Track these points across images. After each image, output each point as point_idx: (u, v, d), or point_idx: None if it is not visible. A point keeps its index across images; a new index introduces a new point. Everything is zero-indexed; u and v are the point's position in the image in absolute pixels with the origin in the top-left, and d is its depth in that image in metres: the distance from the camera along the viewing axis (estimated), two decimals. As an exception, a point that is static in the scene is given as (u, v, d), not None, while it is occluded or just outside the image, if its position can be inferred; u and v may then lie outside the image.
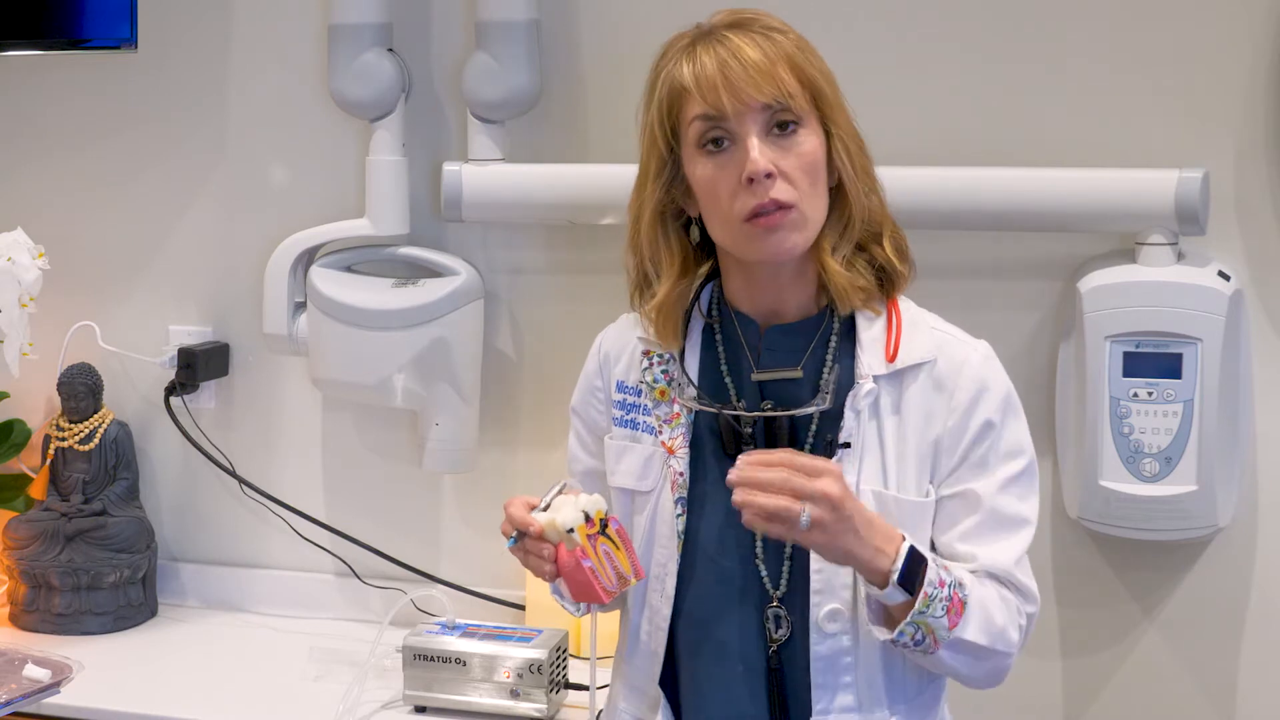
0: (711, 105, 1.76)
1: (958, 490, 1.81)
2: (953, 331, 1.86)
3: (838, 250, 1.82)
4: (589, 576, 1.73)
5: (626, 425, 1.90)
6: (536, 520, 1.75)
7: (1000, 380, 1.83)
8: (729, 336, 1.87)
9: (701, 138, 1.78)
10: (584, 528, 1.74)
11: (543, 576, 1.78)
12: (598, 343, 1.98)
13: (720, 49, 1.76)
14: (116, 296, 2.80)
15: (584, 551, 1.74)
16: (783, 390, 1.83)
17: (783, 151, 1.76)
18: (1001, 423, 1.81)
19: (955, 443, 1.80)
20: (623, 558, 1.77)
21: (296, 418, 2.74)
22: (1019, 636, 1.80)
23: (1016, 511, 1.81)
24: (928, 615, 1.70)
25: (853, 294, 1.81)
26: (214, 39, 2.70)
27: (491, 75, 2.49)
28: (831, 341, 1.83)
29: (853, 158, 1.81)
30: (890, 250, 1.84)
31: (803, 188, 1.77)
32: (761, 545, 1.82)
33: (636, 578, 1.78)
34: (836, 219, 1.83)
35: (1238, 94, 2.28)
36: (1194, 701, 2.38)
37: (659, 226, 1.86)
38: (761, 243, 1.77)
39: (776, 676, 1.81)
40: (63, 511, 2.66)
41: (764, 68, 1.75)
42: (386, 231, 2.59)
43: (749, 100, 1.75)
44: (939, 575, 1.71)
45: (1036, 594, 1.82)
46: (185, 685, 2.44)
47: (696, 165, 1.79)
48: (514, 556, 1.79)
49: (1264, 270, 2.30)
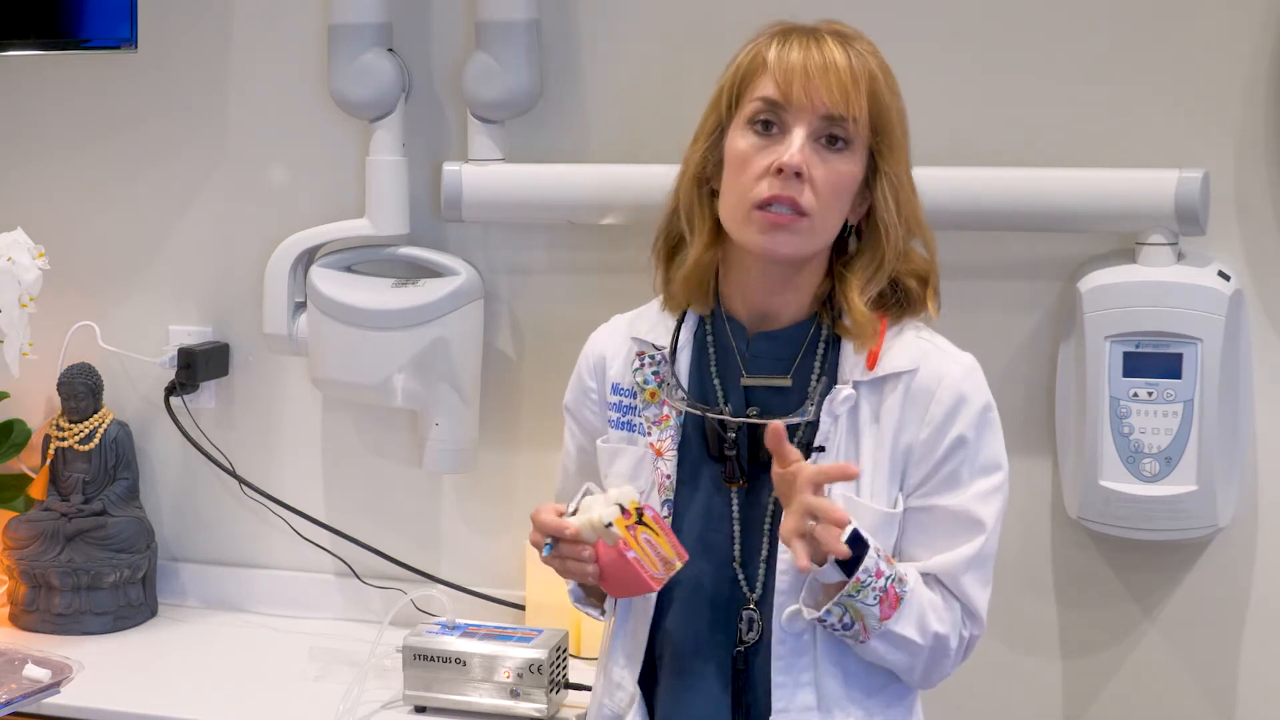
0: (780, 90, 1.77)
1: (925, 505, 1.81)
2: (938, 343, 1.86)
3: (865, 291, 1.82)
4: (635, 568, 1.72)
5: (622, 427, 1.91)
6: (570, 523, 1.74)
7: (979, 395, 1.82)
8: (720, 339, 1.87)
9: (754, 116, 1.79)
10: (621, 520, 1.73)
11: (585, 579, 1.77)
12: (589, 344, 1.98)
13: (813, 46, 1.79)
14: (116, 296, 2.80)
15: (626, 544, 1.72)
16: (769, 397, 1.83)
17: (820, 161, 1.77)
18: (976, 439, 1.80)
19: (927, 454, 1.80)
20: (664, 543, 1.75)
21: (296, 418, 2.74)
22: (957, 647, 1.80)
23: (979, 518, 1.80)
24: (857, 600, 1.71)
25: (870, 336, 1.82)
26: (214, 39, 2.70)
27: (491, 75, 2.49)
28: (819, 350, 1.84)
29: (898, 201, 1.82)
30: (930, 293, 1.86)
31: (824, 202, 1.77)
32: (739, 549, 1.83)
33: (681, 560, 1.76)
34: (869, 258, 1.83)
35: (1238, 94, 2.28)
36: (1194, 701, 2.38)
37: (696, 189, 1.87)
38: (762, 235, 1.77)
39: (742, 678, 1.82)
40: (63, 511, 2.66)
41: (845, 79, 1.77)
42: (386, 231, 2.59)
43: (817, 101, 1.76)
44: (877, 565, 1.71)
45: (983, 617, 1.82)
46: (185, 685, 2.44)
47: (738, 137, 1.81)
48: (550, 566, 1.79)
49: (1264, 270, 2.30)
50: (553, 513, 1.77)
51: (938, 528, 1.81)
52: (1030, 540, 2.41)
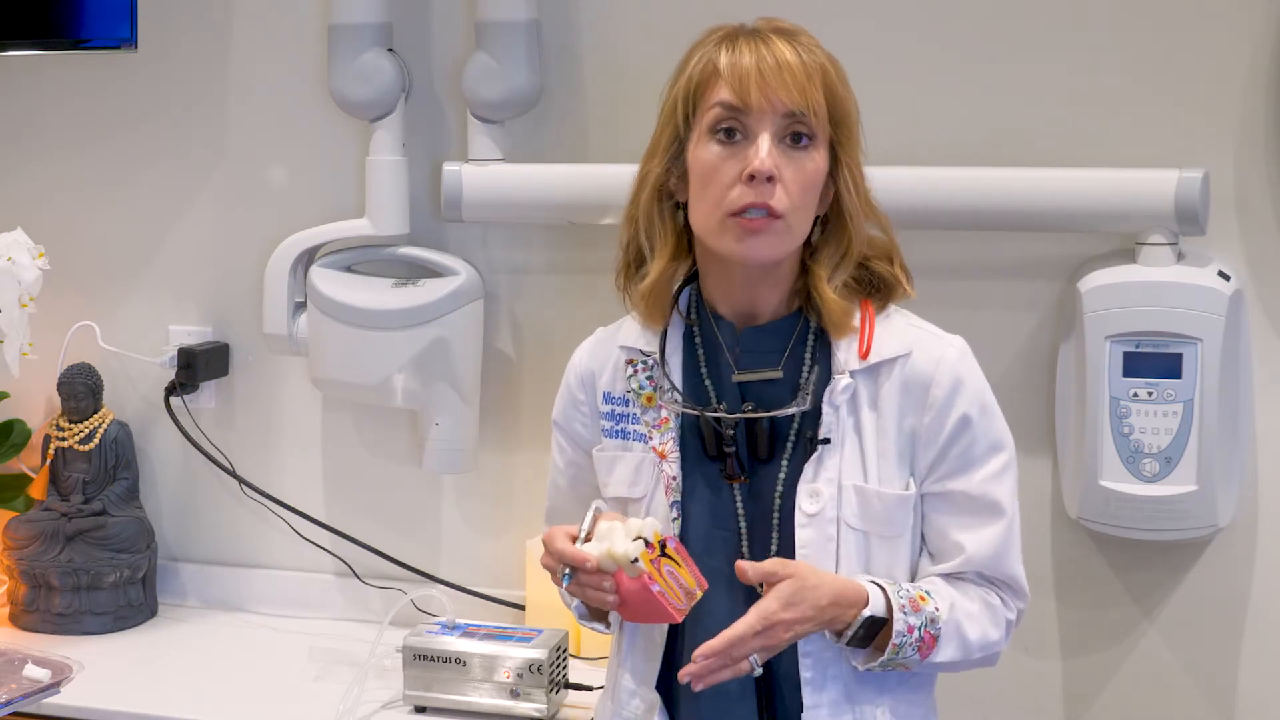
0: (738, 96, 1.77)
1: (942, 490, 1.84)
2: (926, 327, 1.87)
3: (833, 279, 1.84)
4: (660, 601, 1.71)
5: (617, 435, 1.92)
6: (590, 555, 1.72)
7: (976, 376, 1.85)
8: (708, 339, 1.88)
9: (716, 124, 1.79)
10: (646, 553, 1.71)
11: (605, 607, 1.77)
12: (575, 359, 1.98)
13: (761, 47, 1.79)
14: (116, 296, 2.80)
15: (650, 577, 1.71)
16: (763, 391, 1.84)
17: (789, 161, 1.78)
18: (979, 418, 1.83)
19: (933, 437, 1.82)
20: (685, 573, 1.75)
21: (296, 418, 2.74)
22: (1002, 634, 1.85)
23: (996, 500, 1.83)
24: (898, 659, 1.77)
25: (844, 323, 1.83)
26: (214, 39, 2.70)
27: (491, 75, 2.49)
28: (809, 341, 1.84)
29: (857, 187, 1.84)
30: (899, 270, 1.87)
31: (797, 201, 1.78)
32: (747, 546, 1.83)
33: (701, 589, 1.76)
34: (835, 246, 1.85)
35: (1238, 94, 2.28)
36: (1194, 701, 2.38)
37: (656, 203, 1.87)
38: (739, 242, 1.78)
39: (765, 676, 1.82)
40: (63, 511, 2.66)
41: (799, 76, 1.77)
42: (386, 231, 2.59)
43: (775, 101, 1.76)
44: (906, 623, 1.75)
45: (1026, 588, 1.87)
46: (185, 685, 2.44)
47: (701, 149, 1.81)
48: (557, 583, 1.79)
49: (1264, 270, 2.30)
50: (567, 539, 1.75)
51: (956, 512, 1.84)
52: (1030, 540, 2.38)
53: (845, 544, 1.81)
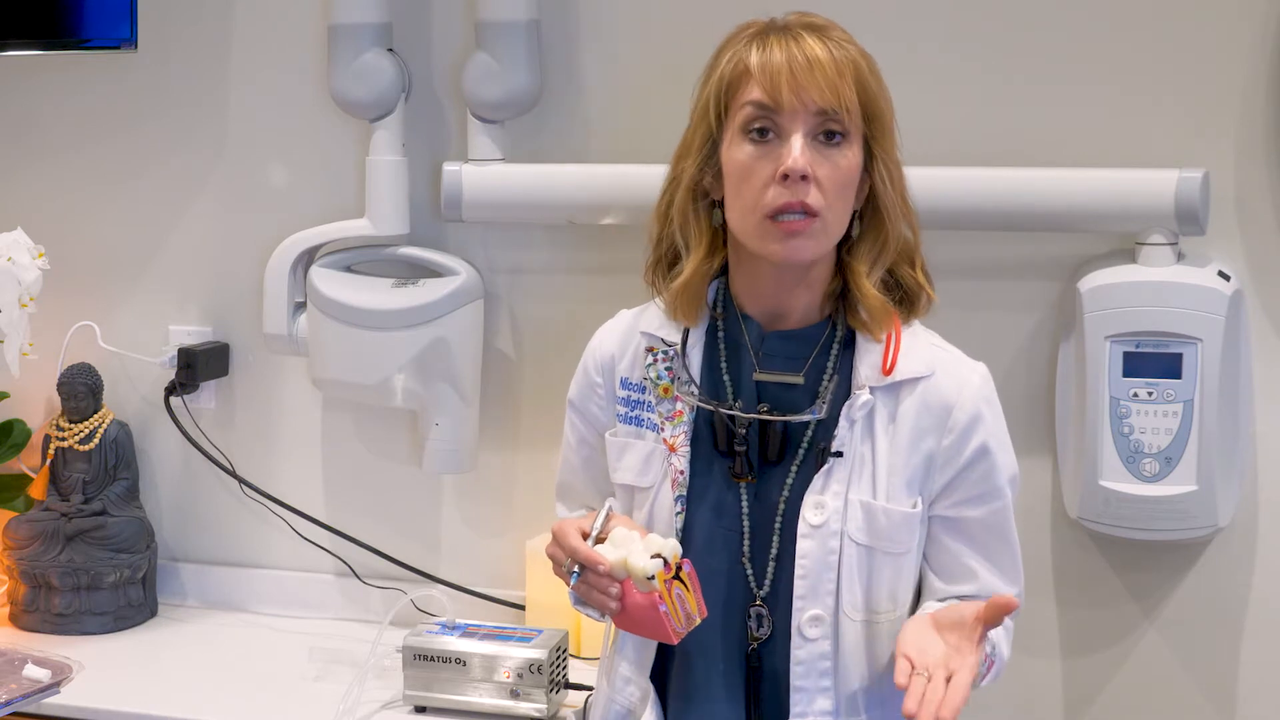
0: (769, 95, 1.77)
1: (957, 515, 1.85)
2: (952, 351, 1.88)
3: (872, 274, 1.83)
4: (663, 620, 1.71)
5: (631, 422, 1.91)
6: (605, 558, 1.72)
7: (997, 406, 1.86)
8: (731, 335, 1.87)
9: (748, 124, 1.79)
10: (663, 573, 1.71)
11: (605, 611, 1.76)
12: (596, 340, 1.98)
13: (792, 44, 1.78)
14: (116, 296, 2.80)
15: (660, 596, 1.71)
16: (780, 394, 1.84)
17: (823, 159, 1.77)
18: (998, 450, 1.84)
19: (950, 460, 1.82)
20: (692, 599, 1.75)
21: (296, 418, 2.74)
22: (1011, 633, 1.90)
23: (1008, 529, 1.87)
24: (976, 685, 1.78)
25: (885, 318, 1.83)
26: (214, 39, 2.70)
27: (491, 75, 2.49)
28: (833, 350, 1.84)
29: (894, 183, 1.83)
30: (921, 275, 1.87)
31: (832, 199, 1.78)
32: (749, 544, 1.83)
33: (701, 616, 1.76)
34: (873, 242, 1.84)
35: (1238, 94, 2.28)
36: (1194, 701, 2.38)
37: (691, 202, 1.87)
38: (777, 244, 1.78)
39: (755, 676, 1.82)
40: (63, 511, 2.66)
41: (831, 73, 1.76)
42: (386, 231, 2.59)
43: (807, 100, 1.76)
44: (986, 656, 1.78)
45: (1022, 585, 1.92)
46: (185, 685, 2.44)
47: (735, 149, 1.80)
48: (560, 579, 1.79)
49: (1264, 270, 2.30)
50: (579, 535, 1.75)
51: (970, 539, 1.86)
52: (1030, 540, 2.39)
53: (848, 558, 1.81)
